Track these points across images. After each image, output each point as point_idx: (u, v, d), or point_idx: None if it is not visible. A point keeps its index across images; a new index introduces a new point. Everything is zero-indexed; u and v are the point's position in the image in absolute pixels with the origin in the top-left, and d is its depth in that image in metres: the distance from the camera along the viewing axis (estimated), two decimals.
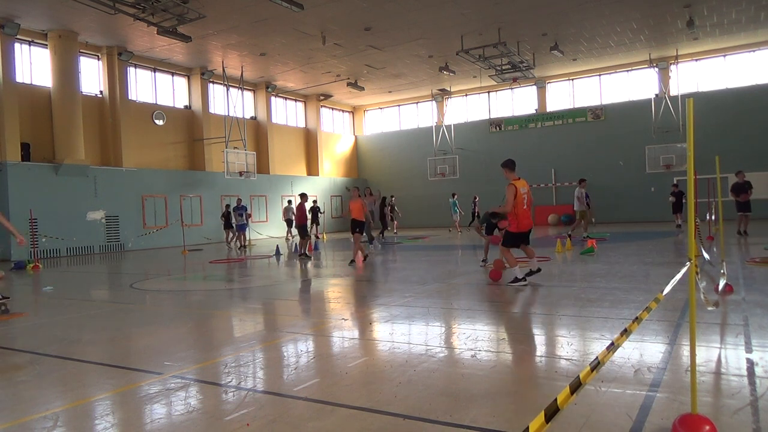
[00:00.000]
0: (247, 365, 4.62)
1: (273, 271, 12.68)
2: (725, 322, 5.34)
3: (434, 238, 21.97)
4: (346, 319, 6.40)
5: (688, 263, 3.02)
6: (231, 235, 21.06)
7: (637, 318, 2.77)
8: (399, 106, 34.75)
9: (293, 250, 18.18)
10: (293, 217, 25.93)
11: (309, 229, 16.21)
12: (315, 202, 26.74)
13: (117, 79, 21.87)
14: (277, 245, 18.25)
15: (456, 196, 25.65)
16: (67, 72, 19.84)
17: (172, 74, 25.15)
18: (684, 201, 19.56)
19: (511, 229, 8.44)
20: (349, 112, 36.02)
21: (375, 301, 7.54)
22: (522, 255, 9.09)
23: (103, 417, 3.55)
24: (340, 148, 34.95)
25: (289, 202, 26.06)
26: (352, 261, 12.60)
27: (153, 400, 3.77)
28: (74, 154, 19.86)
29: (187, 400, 3.77)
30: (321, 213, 26.49)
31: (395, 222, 26.09)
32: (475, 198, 25.68)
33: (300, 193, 15.43)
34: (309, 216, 25.90)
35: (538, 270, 8.39)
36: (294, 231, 25.87)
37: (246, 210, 20.22)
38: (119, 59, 21.87)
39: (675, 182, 21.07)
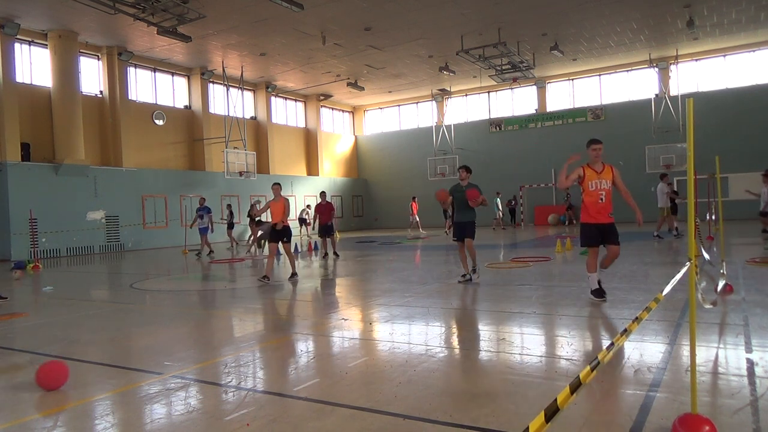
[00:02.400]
0: (247, 365, 4.62)
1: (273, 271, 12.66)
2: (725, 322, 5.34)
3: (435, 238, 21.96)
4: (346, 319, 6.39)
5: (688, 263, 3.02)
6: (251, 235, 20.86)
7: (637, 318, 2.76)
8: (399, 106, 34.75)
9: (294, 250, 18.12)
10: (306, 217, 26.05)
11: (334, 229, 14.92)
12: None
13: (117, 79, 21.87)
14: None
15: (500, 195, 26.26)
16: (67, 72, 19.84)
17: (172, 74, 25.15)
18: (677, 202, 18.81)
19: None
20: (349, 112, 36.02)
21: (375, 301, 7.54)
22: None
23: (103, 417, 3.54)
24: (340, 148, 34.95)
25: (308, 206, 26.10)
26: (264, 277, 9.60)
27: (153, 400, 3.77)
28: (74, 154, 19.86)
29: (187, 400, 3.77)
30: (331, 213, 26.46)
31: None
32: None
33: (321, 191, 15.36)
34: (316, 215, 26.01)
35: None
36: (307, 231, 25.94)
37: (209, 211, 17.63)
38: (119, 59, 21.87)
39: (670, 182, 20.51)
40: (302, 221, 25.49)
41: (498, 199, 26.01)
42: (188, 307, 8.09)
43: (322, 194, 15.17)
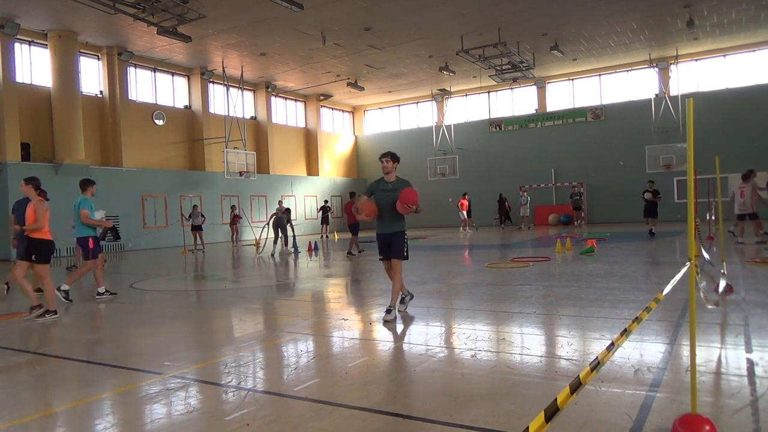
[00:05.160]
0: (247, 365, 4.61)
1: (273, 270, 12.68)
2: (725, 322, 5.34)
3: (434, 238, 21.96)
4: (346, 319, 6.39)
5: (688, 263, 3.02)
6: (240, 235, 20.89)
7: (637, 318, 2.76)
8: (399, 106, 34.74)
9: (294, 249, 18.15)
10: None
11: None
12: (326, 201, 26.63)
13: (117, 79, 21.87)
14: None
15: (526, 194, 26.41)
16: (67, 72, 19.83)
17: (172, 74, 25.14)
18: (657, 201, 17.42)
19: None
20: (349, 112, 36.02)
21: (375, 301, 7.54)
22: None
23: (103, 417, 3.55)
24: (340, 148, 34.94)
25: (279, 202, 26.04)
26: (55, 294, 7.69)
27: (153, 400, 3.77)
28: (74, 154, 19.85)
29: (187, 400, 3.77)
30: (331, 213, 26.46)
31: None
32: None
33: (350, 191, 15.71)
34: (319, 215, 26.10)
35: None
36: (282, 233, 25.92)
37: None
38: (119, 59, 21.86)
39: (652, 179, 19.31)
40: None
41: (523, 198, 25.94)
42: (188, 307, 8.09)
43: (351, 194, 15.58)
